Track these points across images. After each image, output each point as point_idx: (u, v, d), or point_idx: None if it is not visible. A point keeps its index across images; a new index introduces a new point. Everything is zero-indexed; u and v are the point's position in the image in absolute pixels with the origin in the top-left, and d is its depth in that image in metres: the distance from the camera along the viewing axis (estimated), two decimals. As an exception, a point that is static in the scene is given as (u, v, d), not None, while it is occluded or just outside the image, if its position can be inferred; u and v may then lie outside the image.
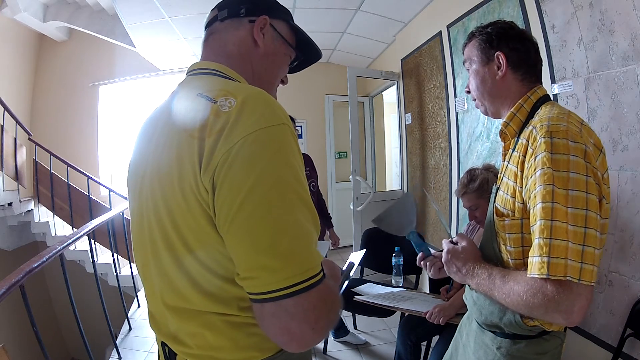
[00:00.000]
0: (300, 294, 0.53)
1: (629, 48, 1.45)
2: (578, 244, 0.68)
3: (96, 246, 3.24)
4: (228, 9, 0.73)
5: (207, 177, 0.53)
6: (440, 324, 1.64)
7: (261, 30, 0.72)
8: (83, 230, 2.28)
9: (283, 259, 0.52)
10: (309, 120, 5.21)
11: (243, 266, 0.54)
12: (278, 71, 0.77)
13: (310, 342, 0.56)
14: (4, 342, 2.74)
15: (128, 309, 3.06)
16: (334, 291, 0.60)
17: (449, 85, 2.82)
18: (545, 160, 0.71)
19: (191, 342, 0.64)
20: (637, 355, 1.46)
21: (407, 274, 2.38)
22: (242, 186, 0.52)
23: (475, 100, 0.95)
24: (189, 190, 0.55)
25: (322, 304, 0.55)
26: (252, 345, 0.62)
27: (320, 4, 3.32)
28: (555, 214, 0.69)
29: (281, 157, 0.54)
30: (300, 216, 0.54)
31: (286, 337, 0.55)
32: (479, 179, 1.62)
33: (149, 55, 4.55)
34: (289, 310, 0.53)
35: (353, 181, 3.48)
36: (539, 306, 0.70)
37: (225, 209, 0.53)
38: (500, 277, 0.78)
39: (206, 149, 0.54)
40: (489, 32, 0.89)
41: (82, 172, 4.02)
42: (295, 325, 0.53)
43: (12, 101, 3.99)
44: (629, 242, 1.49)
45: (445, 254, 0.90)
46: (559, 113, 0.79)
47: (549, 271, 0.68)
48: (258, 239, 0.52)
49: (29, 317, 1.57)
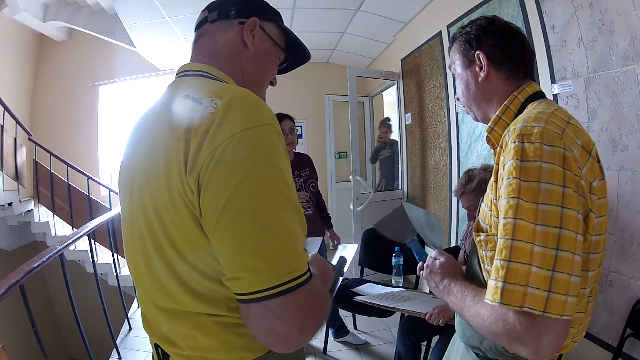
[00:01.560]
0: (285, 294, 0.52)
1: (629, 48, 1.45)
2: (546, 268, 0.57)
3: (96, 246, 3.24)
4: (218, 11, 0.74)
5: (193, 178, 0.53)
6: (440, 325, 1.64)
7: (251, 32, 0.72)
8: (83, 230, 2.28)
9: (268, 259, 0.52)
10: (309, 120, 5.21)
11: (229, 267, 0.54)
12: (267, 73, 0.77)
13: (297, 342, 0.55)
14: (4, 342, 2.75)
15: (128, 309, 3.06)
16: (322, 291, 0.60)
17: (449, 85, 2.82)
18: (512, 169, 0.62)
19: (183, 343, 0.63)
20: (637, 355, 1.46)
21: (407, 274, 2.38)
22: (227, 187, 0.52)
23: (464, 106, 0.89)
24: (176, 191, 0.55)
25: (309, 305, 0.55)
26: (243, 346, 0.62)
27: (320, 4, 3.32)
28: (518, 232, 0.59)
29: (267, 158, 0.54)
30: (286, 217, 0.54)
31: (273, 338, 0.55)
32: (476, 179, 1.63)
33: (149, 55, 4.55)
34: (275, 310, 0.53)
35: (353, 181, 3.48)
36: (501, 335, 0.62)
37: (211, 209, 0.53)
38: (472, 296, 0.70)
39: (192, 150, 0.54)
40: (468, 32, 0.82)
41: (82, 172, 4.02)
42: (281, 325, 0.53)
43: (12, 101, 3.99)
44: (629, 242, 1.49)
45: (425, 269, 0.87)
46: (540, 112, 0.69)
47: (501, 299, 0.59)
48: (243, 240, 0.52)
49: (29, 317, 1.57)
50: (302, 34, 3.54)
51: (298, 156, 2.48)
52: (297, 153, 2.48)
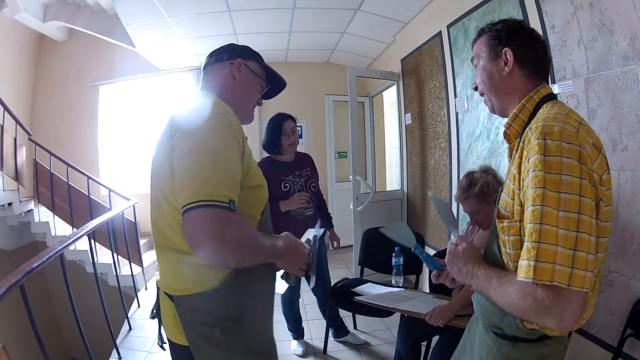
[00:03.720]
0: (201, 208, 0.80)
1: (629, 48, 1.45)
2: (569, 248, 0.67)
3: (96, 246, 3.24)
4: (215, 57, 1.10)
5: (170, 140, 0.90)
6: (439, 325, 1.64)
7: (238, 68, 1.07)
8: (83, 230, 2.28)
9: (197, 185, 0.82)
10: (309, 120, 5.21)
11: (178, 189, 0.86)
12: (251, 97, 1.11)
13: (208, 247, 0.80)
14: (4, 342, 2.75)
15: (128, 309, 3.06)
16: (244, 225, 0.87)
17: (449, 85, 2.82)
18: (537, 162, 0.71)
19: (163, 274, 0.99)
20: (637, 355, 1.46)
21: (407, 274, 2.38)
22: (186, 144, 0.88)
23: (482, 95, 0.96)
24: (165, 155, 0.91)
25: (219, 222, 0.80)
26: (191, 279, 0.91)
27: (320, 4, 3.32)
28: (545, 217, 0.68)
29: (214, 129, 0.89)
30: (217, 163, 0.85)
31: (192, 241, 0.82)
32: (479, 183, 1.58)
33: (149, 55, 4.55)
34: (194, 219, 0.80)
35: (353, 181, 3.48)
36: (529, 310, 0.70)
37: (177, 158, 0.88)
38: (497, 278, 0.79)
39: (174, 129, 0.92)
40: (499, 29, 0.91)
41: (82, 172, 4.01)
42: (197, 231, 0.80)
43: (12, 101, 3.99)
44: (629, 242, 1.49)
45: (448, 255, 0.93)
46: (557, 113, 0.78)
47: (535, 275, 0.68)
48: (187, 174, 0.85)
49: (29, 317, 1.56)
50: (302, 34, 3.53)
51: (299, 156, 2.47)
52: (298, 153, 2.47)
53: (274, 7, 3.41)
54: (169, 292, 0.96)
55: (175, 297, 0.94)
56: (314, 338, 2.70)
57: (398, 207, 3.85)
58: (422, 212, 3.45)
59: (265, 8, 3.40)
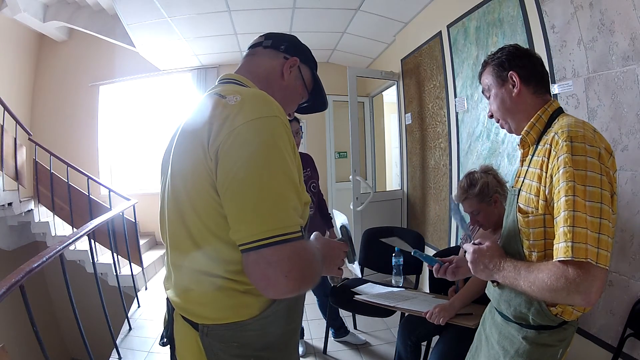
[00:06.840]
0: (276, 245, 0.66)
1: (629, 48, 1.45)
2: (595, 232, 0.79)
3: (96, 246, 3.24)
4: (272, 41, 0.93)
5: (214, 149, 0.69)
6: (440, 324, 1.64)
7: (290, 67, 0.91)
8: (83, 230, 2.28)
9: (264, 216, 0.66)
10: (309, 120, 5.20)
11: (233, 220, 0.69)
12: (290, 104, 0.95)
13: (284, 288, 0.67)
14: (4, 342, 2.74)
15: (128, 309, 3.06)
16: (312, 252, 0.73)
17: (449, 85, 2.82)
18: (567, 160, 0.83)
19: (183, 295, 0.81)
20: (637, 355, 1.46)
21: (407, 273, 2.38)
22: (238, 159, 0.68)
23: (499, 121, 1.06)
24: (199, 162, 0.71)
25: (297, 257, 0.67)
26: (229, 308, 0.76)
27: (320, 4, 3.32)
28: (577, 205, 0.80)
29: (270, 140, 0.70)
30: (281, 186, 0.68)
31: (264, 282, 0.67)
32: (479, 184, 1.59)
33: (149, 55, 4.55)
34: (267, 258, 0.66)
35: (353, 181, 3.48)
36: (562, 289, 0.80)
37: (224, 175, 0.68)
38: (525, 267, 0.89)
39: (214, 130, 0.70)
40: (499, 57, 1.02)
41: (82, 172, 4.01)
42: (270, 271, 0.66)
43: (12, 101, 3.99)
44: (629, 242, 1.49)
45: (472, 254, 0.99)
46: (576, 121, 0.91)
47: (573, 254, 0.78)
48: (246, 200, 0.67)
49: (29, 317, 1.56)
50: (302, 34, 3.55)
51: (299, 156, 2.48)
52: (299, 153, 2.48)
53: (274, 7, 3.41)
54: (191, 318, 0.79)
55: (201, 325, 0.77)
56: (314, 338, 2.70)
57: (398, 207, 3.85)
58: (422, 212, 3.45)
59: (265, 8, 3.41)
